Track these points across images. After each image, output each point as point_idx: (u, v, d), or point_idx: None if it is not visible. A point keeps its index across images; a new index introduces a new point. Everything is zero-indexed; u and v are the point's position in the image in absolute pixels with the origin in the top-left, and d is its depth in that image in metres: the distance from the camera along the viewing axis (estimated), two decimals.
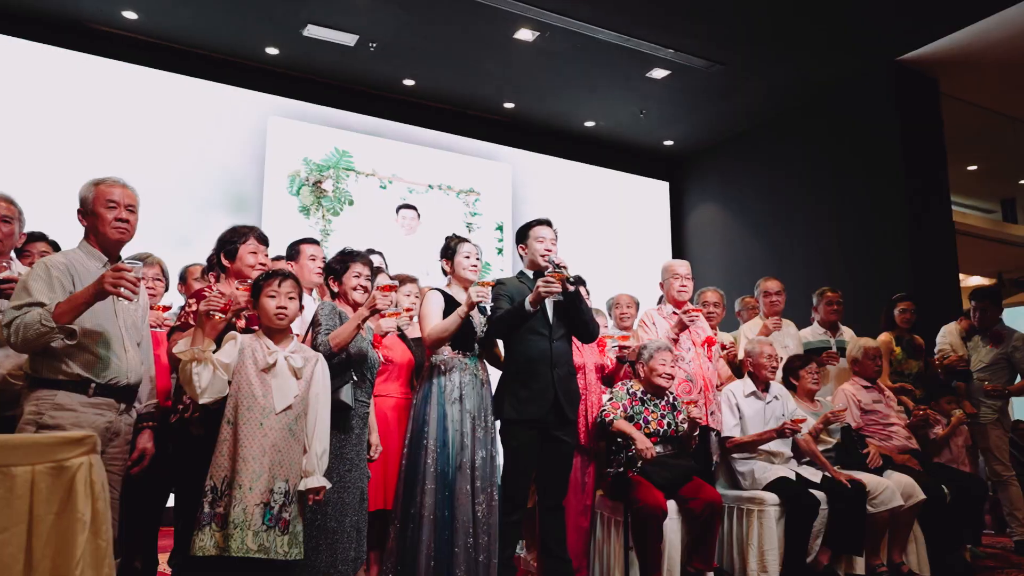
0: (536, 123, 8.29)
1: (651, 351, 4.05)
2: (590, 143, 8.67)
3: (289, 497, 2.66)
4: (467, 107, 7.97)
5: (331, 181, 7.34)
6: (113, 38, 6.56)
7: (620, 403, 3.97)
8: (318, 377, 2.86)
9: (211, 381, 2.63)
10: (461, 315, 3.50)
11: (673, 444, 4.02)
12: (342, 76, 7.31)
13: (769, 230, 8.00)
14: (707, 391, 4.26)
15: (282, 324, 2.80)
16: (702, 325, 4.53)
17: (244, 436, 2.62)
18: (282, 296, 2.81)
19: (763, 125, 8.11)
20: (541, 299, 3.48)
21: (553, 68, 7.10)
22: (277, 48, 6.83)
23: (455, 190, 7.98)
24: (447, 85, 7.49)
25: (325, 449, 2.80)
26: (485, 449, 3.63)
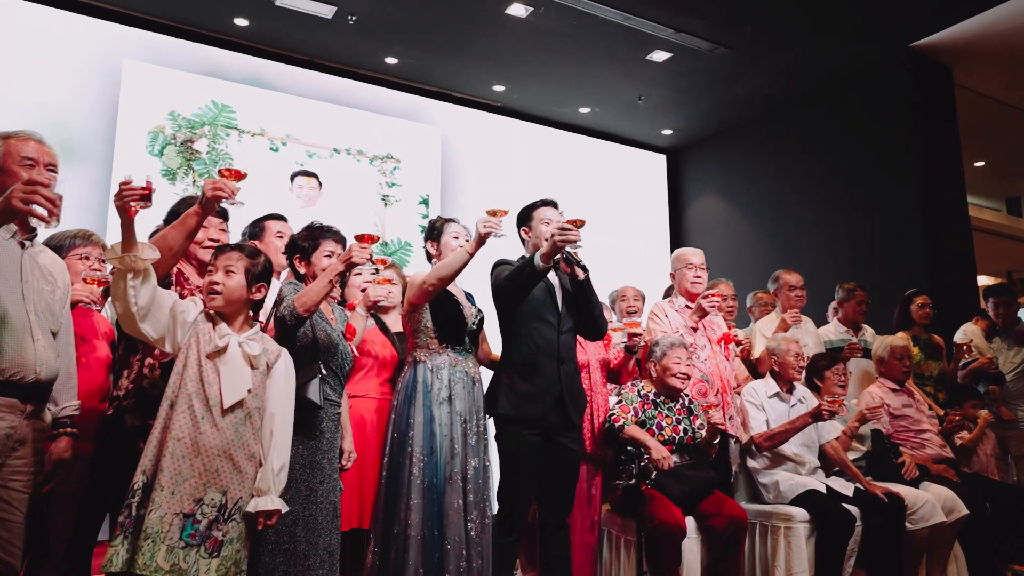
0: (527, 107, 7.80)
1: (664, 348, 3.58)
2: (584, 129, 8.20)
3: (226, 513, 2.15)
4: (453, 88, 7.47)
5: (206, 140, 6.35)
6: None
7: (631, 406, 3.49)
8: (279, 374, 2.36)
9: (151, 302, 2.14)
10: (470, 251, 3.00)
11: (690, 453, 3.55)
12: (318, 52, 6.78)
13: (774, 224, 7.58)
14: (725, 393, 3.80)
15: (212, 303, 2.30)
16: (717, 321, 4.07)
17: (177, 427, 2.13)
18: (218, 270, 2.32)
19: (769, 113, 7.68)
20: (556, 251, 2.96)
21: (546, 47, 6.62)
22: (247, 19, 6.29)
23: (368, 156, 7.04)
24: (432, 64, 6.98)
25: (284, 464, 2.30)
26: (478, 457, 3.14)
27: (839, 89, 7.04)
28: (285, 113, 6.70)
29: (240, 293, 2.33)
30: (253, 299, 2.38)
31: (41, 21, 5.88)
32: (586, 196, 7.88)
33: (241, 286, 2.33)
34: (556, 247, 2.90)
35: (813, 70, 6.94)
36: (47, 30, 5.88)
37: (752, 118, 7.84)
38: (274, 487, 2.24)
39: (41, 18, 5.89)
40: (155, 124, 6.20)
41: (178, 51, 6.38)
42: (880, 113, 6.72)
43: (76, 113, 5.90)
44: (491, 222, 2.91)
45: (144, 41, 6.25)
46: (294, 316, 2.61)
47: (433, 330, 3.18)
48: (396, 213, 7.01)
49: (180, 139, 6.29)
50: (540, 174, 7.78)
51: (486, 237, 2.93)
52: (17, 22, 5.79)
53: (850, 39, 6.40)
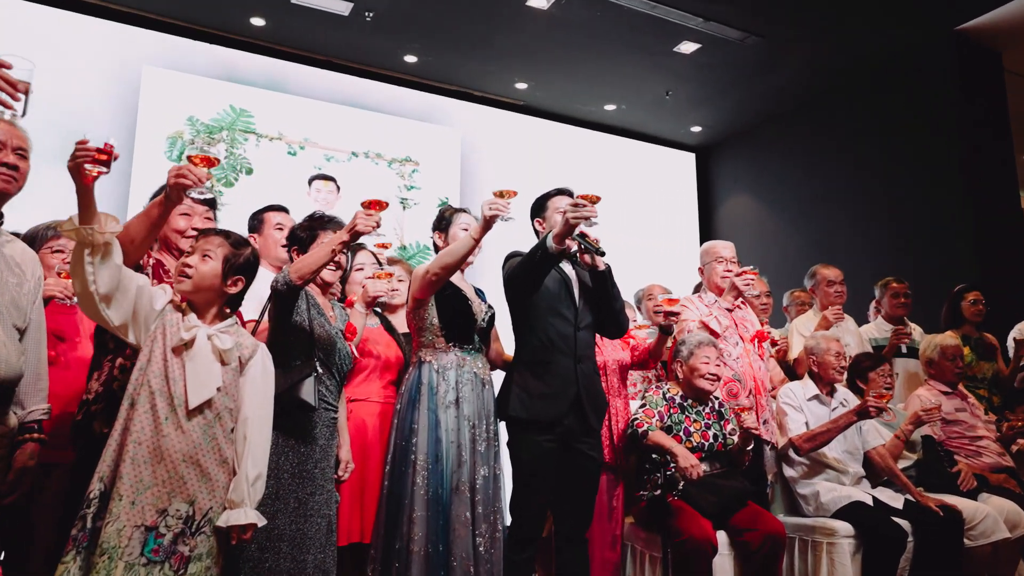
0: (551, 105, 7.56)
1: (691, 346, 3.30)
2: (610, 128, 7.93)
3: (193, 526, 1.93)
4: (474, 87, 7.26)
5: (224, 145, 6.25)
6: None
7: (655, 410, 3.22)
8: (255, 371, 2.14)
9: (115, 283, 1.93)
10: (475, 236, 2.76)
11: (721, 461, 3.26)
12: (336, 51, 6.63)
13: (809, 222, 7.22)
14: (758, 395, 3.50)
15: (179, 286, 2.09)
16: (750, 318, 3.78)
17: (138, 429, 1.92)
18: (195, 253, 2.11)
19: (803, 105, 7.33)
20: (570, 231, 2.67)
21: (570, 41, 6.38)
22: (263, 19, 6.16)
23: (386, 159, 6.89)
24: (451, 62, 6.79)
25: (261, 474, 2.07)
26: (488, 466, 2.89)
27: (879, 78, 6.68)
28: (303, 117, 6.59)
29: (213, 281, 2.12)
30: (228, 292, 2.16)
31: (63, 27, 5.85)
32: (613, 197, 7.54)
33: (215, 274, 2.12)
34: (569, 225, 2.64)
35: (850, 58, 6.58)
36: (69, 36, 5.85)
37: (785, 111, 7.49)
38: (249, 498, 2.02)
39: (63, 24, 5.86)
40: (174, 129, 6.14)
41: (197, 56, 6.31)
42: (923, 102, 6.35)
43: (97, 119, 5.86)
44: (497, 203, 2.67)
45: (163, 47, 6.19)
46: (286, 283, 2.40)
47: (439, 327, 2.95)
48: (415, 216, 6.82)
49: (198, 144, 6.20)
50: (564, 175, 7.50)
51: (492, 220, 2.69)
52: (40, 28, 5.77)
53: (890, 24, 6.04)
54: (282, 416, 2.43)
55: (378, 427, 3.03)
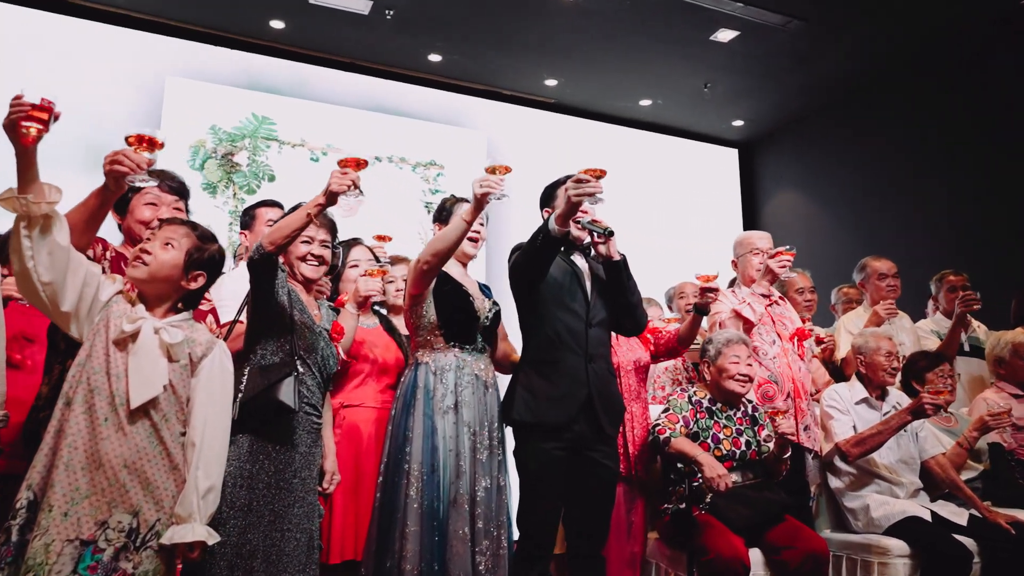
0: (583, 102, 7.29)
1: (719, 345, 2.99)
2: (647, 124, 7.61)
3: (138, 540, 1.72)
4: (502, 85, 7.04)
5: (246, 153, 6.20)
6: None
7: (679, 415, 2.91)
8: (211, 370, 1.93)
9: (57, 263, 1.73)
10: (467, 218, 2.52)
11: (755, 471, 2.93)
12: (358, 52, 6.49)
13: (862, 217, 6.77)
14: (798, 398, 3.16)
15: (132, 272, 1.89)
16: (790, 315, 3.44)
17: (74, 432, 1.73)
18: (155, 240, 1.91)
19: (854, 93, 6.87)
20: (573, 210, 2.41)
21: (600, 33, 6.11)
22: (283, 21, 6.06)
23: (411, 163, 6.73)
24: (478, 59, 6.58)
25: (214, 486, 1.86)
26: (490, 476, 2.63)
27: (936, 60, 6.21)
28: (326, 122, 6.51)
29: (171, 272, 1.92)
30: (186, 287, 1.97)
31: (88, 38, 5.87)
32: (651, 197, 7.30)
33: (175, 265, 1.92)
34: (572, 204, 2.38)
35: (904, 40, 6.11)
36: (93, 47, 5.86)
37: (834, 100, 7.05)
38: (199, 512, 1.81)
39: (88, 35, 5.87)
40: (196, 139, 6.14)
41: (219, 65, 6.29)
42: (988, 84, 5.86)
43: (121, 129, 5.80)
44: (489, 180, 2.43)
45: (186, 56, 6.18)
46: (259, 251, 2.20)
47: (437, 325, 2.71)
48: None
49: (221, 152, 6.18)
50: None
51: (484, 199, 2.45)
52: (66, 40, 5.79)
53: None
54: (258, 420, 2.24)
55: (374, 434, 2.79)
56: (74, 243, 1.79)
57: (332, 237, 2.57)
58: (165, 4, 5.87)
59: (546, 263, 2.53)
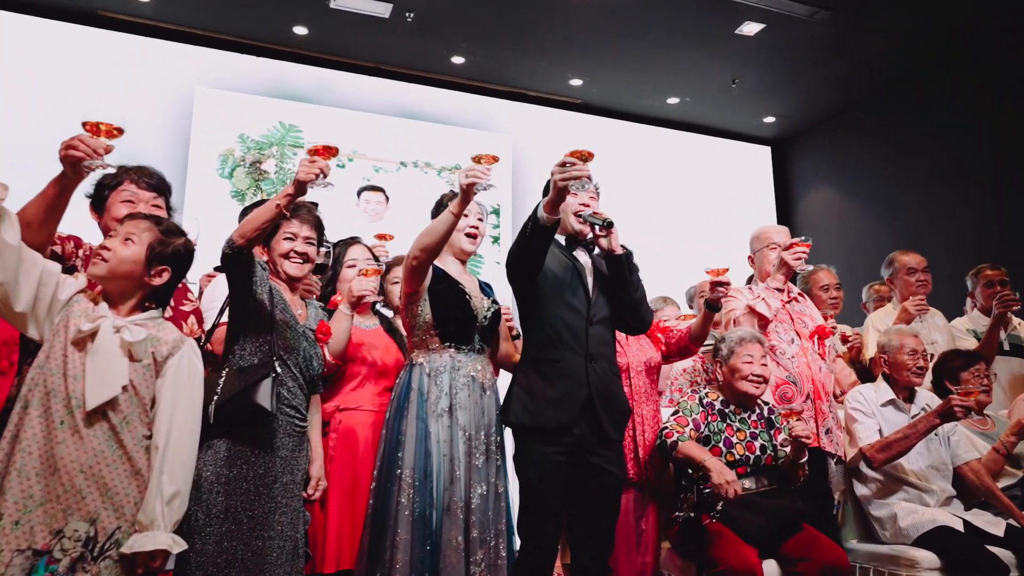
0: (608, 102, 7.16)
1: (731, 344, 2.84)
2: (675, 123, 7.45)
3: (95, 549, 1.66)
4: (527, 87, 6.96)
5: (273, 161, 6.27)
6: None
7: (688, 418, 2.77)
8: (178, 370, 1.87)
9: (6, 263, 1.68)
10: (454, 211, 2.44)
11: (770, 477, 2.78)
12: (381, 57, 6.48)
13: (902, 213, 6.50)
14: (818, 399, 3.00)
15: (92, 269, 1.84)
16: (811, 313, 3.28)
17: (29, 436, 1.67)
18: (117, 236, 1.86)
19: (888, 84, 6.62)
20: (561, 196, 2.30)
21: (623, 30, 5.99)
22: (306, 27, 6.08)
23: (435, 168, 6.70)
24: (501, 61, 6.52)
25: (179, 491, 1.79)
26: (486, 483, 2.52)
27: (975, 47, 5.94)
28: (351, 129, 6.55)
29: (132, 268, 1.87)
30: (150, 284, 1.92)
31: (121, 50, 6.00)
32: (681, 197, 7.13)
33: (136, 260, 1.87)
34: (558, 189, 2.27)
35: (941, 27, 5.85)
36: (125, 59, 5.99)
37: (867, 94, 6.80)
38: (162, 520, 1.74)
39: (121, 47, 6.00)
40: (225, 147, 6.24)
41: (246, 75, 6.39)
42: None
43: (153, 139, 6.00)
44: (475, 170, 2.35)
45: (214, 66, 6.29)
46: (229, 245, 2.15)
47: (432, 325, 2.62)
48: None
49: (249, 160, 6.27)
50: (626, 176, 7.09)
51: (470, 189, 2.37)
52: (101, 52, 5.94)
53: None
54: (235, 423, 2.17)
55: (370, 438, 2.72)
56: (34, 237, 1.76)
57: (318, 234, 2.51)
58: (192, 13, 5.95)
59: (537, 253, 2.42)
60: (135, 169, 2.27)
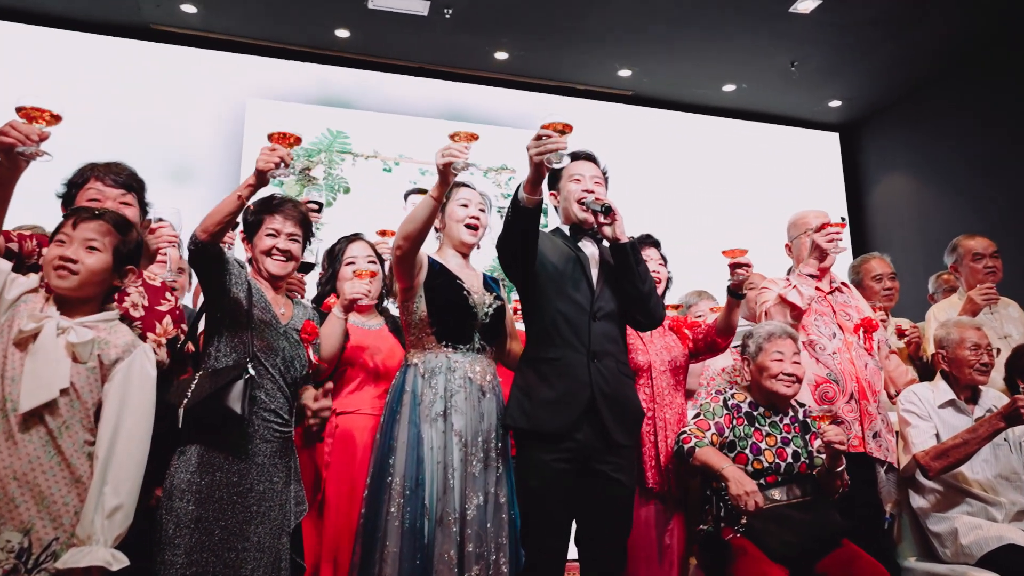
0: (660, 92, 6.86)
1: (759, 340, 2.59)
2: (732, 111, 7.08)
3: (29, 562, 1.57)
4: (574, 80, 6.75)
5: (322, 167, 6.29)
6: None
7: (711, 421, 2.52)
8: (129, 375, 1.78)
9: None
10: (434, 195, 2.28)
11: (804, 487, 2.49)
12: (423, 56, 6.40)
13: (982, 197, 5.95)
14: (864, 400, 2.70)
15: (62, 284, 1.75)
16: (857, 304, 2.97)
17: None
18: (72, 243, 1.78)
19: (964, 57, 6.07)
20: (539, 173, 2.14)
21: (672, 15, 5.70)
22: (347, 30, 6.06)
23: (482, 168, 6.51)
24: (545, 54, 6.32)
25: (122, 505, 1.69)
26: (484, 492, 2.35)
27: None
28: (397, 133, 6.57)
29: (103, 276, 1.81)
30: (118, 285, 1.86)
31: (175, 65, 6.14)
32: (742, 189, 6.76)
33: (105, 268, 1.81)
34: (534, 165, 2.11)
35: None
36: (180, 73, 6.14)
37: (940, 69, 6.25)
38: (103, 534, 1.64)
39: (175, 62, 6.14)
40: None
41: (294, 84, 6.49)
42: None
43: (206, 151, 6.18)
44: (451, 149, 2.20)
45: (264, 78, 6.38)
46: (193, 240, 2.06)
47: (429, 323, 2.47)
48: None
49: (298, 168, 6.34)
50: (681, 169, 6.78)
51: (447, 169, 2.20)
52: (158, 67, 6.08)
53: None
54: (206, 428, 2.07)
55: (369, 443, 2.57)
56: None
57: (303, 231, 2.40)
58: (237, 22, 6.02)
59: (520, 237, 2.25)
60: (103, 166, 2.21)
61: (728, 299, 2.67)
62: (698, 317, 3.31)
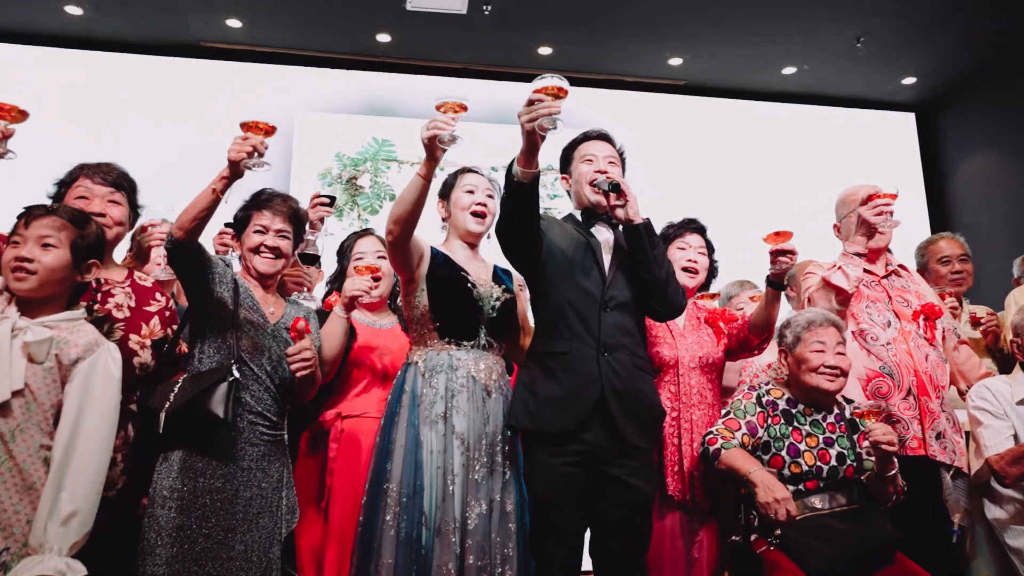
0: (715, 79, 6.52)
1: (798, 329, 2.32)
2: (794, 96, 6.67)
3: None
4: (622, 72, 6.49)
5: (368, 175, 6.28)
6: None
7: (741, 420, 2.26)
8: (90, 376, 1.69)
9: None
10: (421, 173, 2.13)
11: (851, 494, 2.21)
12: (465, 56, 6.28)
13: None
14: (924, 395, 2.38)
15: (21, 285, 1.67)
16: (917, 288, 2.65)
17: None
18: (27, 242, 1.70)
19: None
20: (532, 142, 1.92)
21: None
22: (388, 34, 6.00)
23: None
24: (591, 47, 6.10)
25: (78, 511, 1.58)
26: (487, 500, 2.17)
27: None
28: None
29: (63, 274, 1.74)
30: (81, 281, 1.78)
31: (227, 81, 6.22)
32: (807, 179, 6.33)
33: (64, 264, 1.73)
34: (526, 133, 1.91)
35: None
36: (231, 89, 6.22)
37: None
38: (56, 542, 1.54)
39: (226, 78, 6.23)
40: (323, 166, 6.41)
41: (340, 94, 6.50)
42: None
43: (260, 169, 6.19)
44: (435, 121, 2.02)
45: (311, 90, 6.41)
46: (169, 238, 1.98)
47: (431, 317, 2.31)
48: None
49: (345, 177, 6.40)
50: (740, 160, 6.42)
51: (432, 143, 2.04)
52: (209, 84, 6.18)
53: None
54: (189, 432, 1.97)
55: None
56: None
57: (293, 227, 2.29)
58: (280, 33, 6.03)
59: (517, 216, 2.06)
60: (93, 166, 2.15)
61: (767, 290, 2.40)
62: (739, 310, 3.03)
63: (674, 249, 2.63)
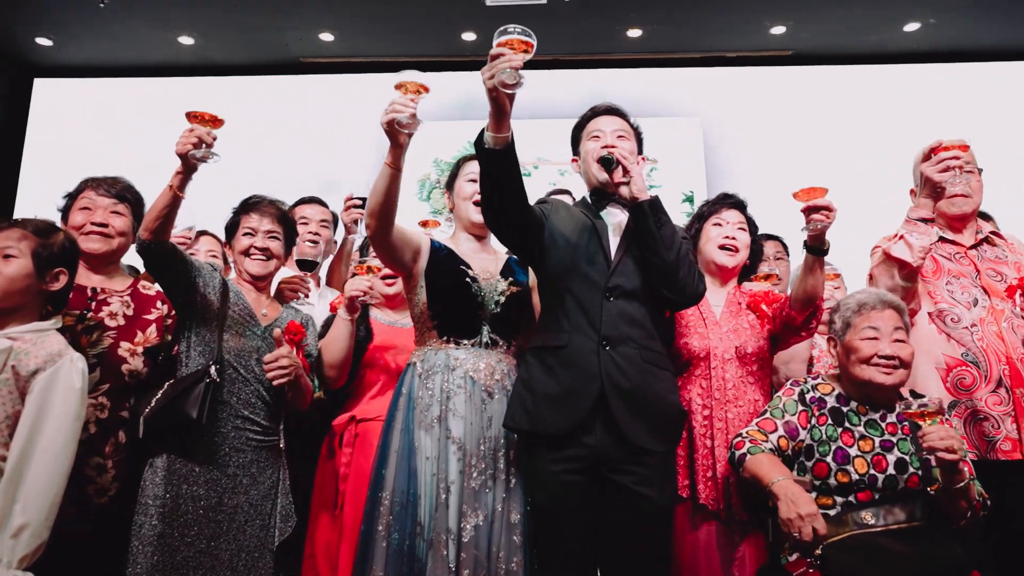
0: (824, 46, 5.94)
1: (847, 313, 1.98)
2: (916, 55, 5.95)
3: None
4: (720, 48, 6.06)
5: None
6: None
7: (779, 421, 1.95)
8: (49, 387, 1.68)
9: None
10: (388, 161, 1.97)
11: (913, 509, 1.84)
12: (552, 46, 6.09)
13: None
14: (1019, 387, 1.97)
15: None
16: (1018, 258, 2.21)
17: None
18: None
19: None
20: (500, 103, 1.75)
21: None
22: (472, 32, 5.94)
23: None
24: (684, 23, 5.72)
25: (29, 523, 1.57)
26: (486, 510, 2.00)
27: None
28: (533, 137, 6.36)
29: (25, 283, 1.75)
30: (49, 290, 1.78)
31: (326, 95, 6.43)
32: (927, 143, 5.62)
33: (26, 273, 1.74)
34: (489, 91, 1.73)
35: None
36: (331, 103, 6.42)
37: None
38: (7, 555, 1.53)
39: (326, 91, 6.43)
40: (422, 173, 6.56)
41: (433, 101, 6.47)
42: None
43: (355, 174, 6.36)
44: (393, 104, 1.87)
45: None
46: (139, 243, 1.95)
47: (429, 315, 2.17)
48: None
49: (443, 182, 6.46)
50: (854, 131, 5.79)
51: (391, 128, 1.89)
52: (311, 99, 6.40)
53: None
54: (169, 437, 1.94)
55: None
56: None
57: (283, 228, 2.22)
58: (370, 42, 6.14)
59: (496, 191, 1.88)
60: (99, 179, 2.19)
61: (806, 256, 2.07)
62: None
63: (710, 227, 2.34)
